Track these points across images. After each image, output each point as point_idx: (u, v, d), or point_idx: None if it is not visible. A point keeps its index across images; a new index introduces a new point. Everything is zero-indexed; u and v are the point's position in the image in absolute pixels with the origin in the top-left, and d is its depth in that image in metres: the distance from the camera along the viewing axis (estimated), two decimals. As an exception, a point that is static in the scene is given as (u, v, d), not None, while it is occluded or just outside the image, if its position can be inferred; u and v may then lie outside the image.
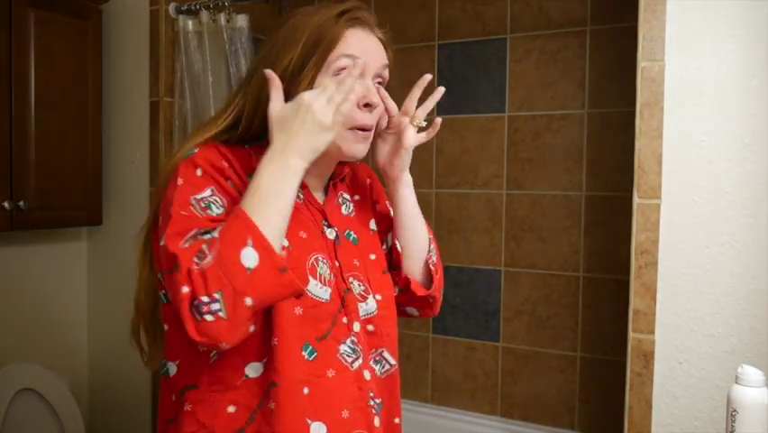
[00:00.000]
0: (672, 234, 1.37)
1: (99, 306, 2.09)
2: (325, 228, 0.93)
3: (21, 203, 1.69)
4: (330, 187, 0.99)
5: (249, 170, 0.85)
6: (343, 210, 1.00)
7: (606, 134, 2.03)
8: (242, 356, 0.83)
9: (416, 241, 1.04)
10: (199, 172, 0.82)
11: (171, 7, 1.93)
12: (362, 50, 0.88)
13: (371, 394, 0.90)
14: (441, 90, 0.98)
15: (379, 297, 0.95)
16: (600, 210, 2.05)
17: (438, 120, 1.00)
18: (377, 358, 0.95)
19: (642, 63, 1.37)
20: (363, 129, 0.90)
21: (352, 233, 0.98)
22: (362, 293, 0.93)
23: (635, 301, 1.39)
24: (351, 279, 0.92)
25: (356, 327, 0.90)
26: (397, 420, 0.98)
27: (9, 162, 1.67)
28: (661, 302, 1.37)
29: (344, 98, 0.81)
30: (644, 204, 1.38)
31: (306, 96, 0.81)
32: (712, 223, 1.34)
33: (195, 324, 0.72)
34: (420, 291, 1.02)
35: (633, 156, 1.39)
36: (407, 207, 1.03)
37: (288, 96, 0.85)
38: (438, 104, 1.04)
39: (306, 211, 0.92)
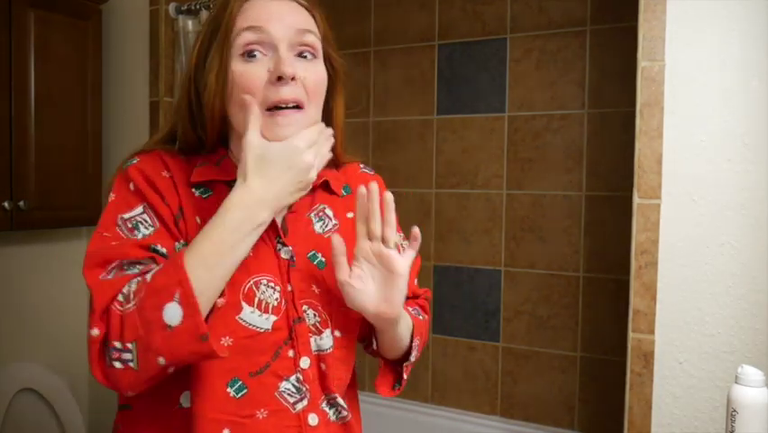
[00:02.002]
0: (672, 234, 1.37)
1: (99, 306, 2.09)
2: (279, 247, 0.81)
3: (21, 203, 1.69)
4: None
5: (192, 181, 0.79)
6: (317, 227, 0.86)
7: (606, 134, 2.03)
8: (178, 382, 0.74)
9: (394, 351, 0.90)
10: (132, 187, 0.76)
11: (171, 7, 1.93)
12: (264, 18, 0.75)
13: None
14: (390, 197, 0.78)
15: (338, 333, 0.83)
16: (600, 210, 2.05)
17: (416, 230, 0.80)
18: (331, 403, 0.83)
19: (642, 63, 1.37)
20: (281, 107, 0.75)
21: (318, 255, 0.84)
22: (317, 325, 0.81)
23: (635, 301, 1.39)
24: (305, 307, 0.80)
25: (304, 362, 0.79)
26: None
27: (9, 162, 1.67)
28: (661, 302, 1.37)
29: (327, 141, 0.75)
30: (644, 204, 1.38)
31: (301, 142, 0.73)
32: (712, 223, 1.34)
33: (102, 367, 0.67)
34: (383, 391, 0.89)
35: (633, 156, 1.39)
36: (401, 338, 0.86)
37: (200, 86, 0.77)
38: (438, 104, 1.00)
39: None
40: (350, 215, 0.89)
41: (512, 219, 2.17)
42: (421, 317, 0.95)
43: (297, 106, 0.76)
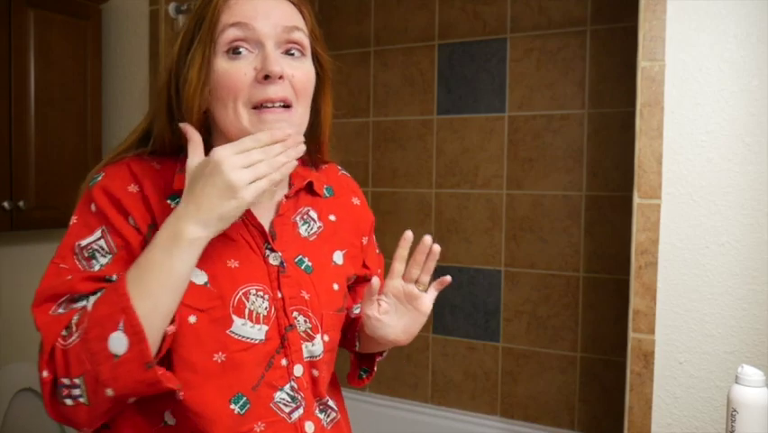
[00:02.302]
0: (672, 234, 1.37)
1: (99, 306, 2.09)
2: (268, 252, 0.78)
3: (21, 203, 1.69)
4: (282, 202, 0.81)
5: (169, 191, 0.74)
6: (302, 230, 0.83)
7: (606, 134, 2.03)
8: (162, 400, 0.71)
9: (372, 350, 0.92)
10: (93, 208, 0.72)
11: (171, 7, 1.93)
12: (251, 15, 0.72)
13: None
14: (437, 249, 0.80)
15: (327, 337, 0.81)
16: (600, 210, 2.05)
17: (447, 277, 0.81)
18: (322, 407, 0.82)
19: (642, 63, 1.37)
20: (267, 105, 0.73)
21: (305, 259, 0.82)
22: (309, 331, 0.79)
23: (635, 301, 1.39)
24: (295, 313, 0.78)
25: (297, 370, 0.77)
26: None
27: (9, 162, 1.67)
28: (661, 302, 1.37)
29: (270, 167, 0.67)
30: (644, 204, 1.38)
31: (218, 151, 0.66)
32: (712, 223, 1.34)
33: (55, 406, 0.65)
34: (352, 381, 0.94)
35: (633, 156, 1.39)
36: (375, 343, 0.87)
37: (180, 82, 0.73)
38: (438, 104, 1.00)
39: (245, 233, 0.77)
40: (332, 217, 0.88)
41: (512, 219, 2.17)
42: None
43: (285, 105, 0.74)
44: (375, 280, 0.78)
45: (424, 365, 2.32)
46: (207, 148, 0.72)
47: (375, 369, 0.95)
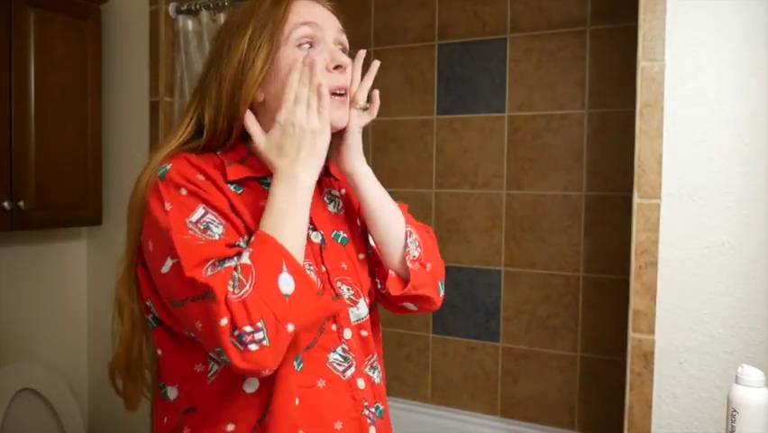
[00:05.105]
0: (672, 234, 1.37)
1: (99, 306, 2.09)
2: (310, 232, 0.87)
3: (21, 203, 1.69)
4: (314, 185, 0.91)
5: (226, 179, 0.83)
6: (331, 208, 0.96)
7: (606, 134, 2.03)
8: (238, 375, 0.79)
9: (390, 234, 0.93)
10: (184, 192, 0.78)
11: (171, 7, 1.93)
12: (316, 17, 0.87)
13: (365, 404, 0.87)
14: (376, 64, 0.93)
15: (367, 299, 0.92)
16: (600, 210, 2.05)
17: (376, 93, 0.93)
18: (373, 365, 0.91)
19: (642, 63, 1.37)
20: (339, 93, 0.87)
21: (340, 233, 0.93)
22: (353, 297, 0.89)
23: (635, 301, 1.39)
24: (339, 283, 0.88)
25: (347, 333, 0.87)
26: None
27: (9, 162, 1.68)
28: (661, 302, 1.37)
29: (316, 94, 0.80)
30: (644, 204, 1.38)
31: (282, 116, 0.80)
32: (712, 223, 1.34)
33: (239, 354, 0.70)
34: (395, 290, 0.92)
35: (633, 156, 1.39)
36: (372, 199, 0.92)
37: (246, 74, 0.83)
38: (438, 104, 1.02)
39: None
40: (343, 191, 1.00)
41: (512, 219, 2.17)
42: (418, 226, 1.00)
43: (341, 94, 0.87)
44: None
45: (424, 365, 2.32)
46: (244, 146, 0.86)
47: (411, 267, 0.93)
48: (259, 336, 0.69)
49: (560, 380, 2.10)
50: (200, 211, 0.77)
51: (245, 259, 0.72)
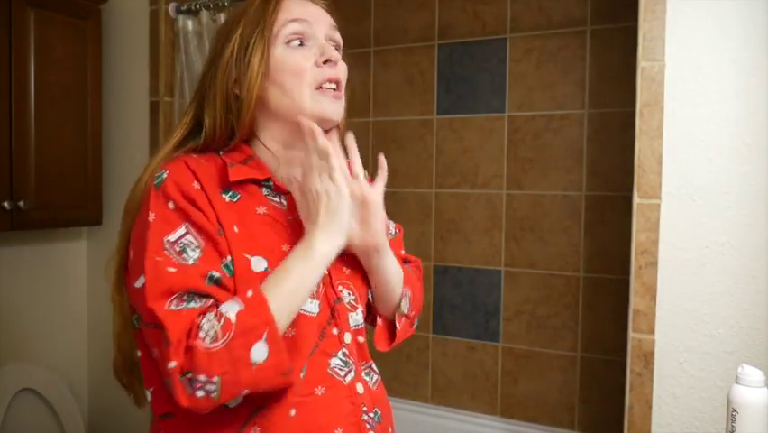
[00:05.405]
0: (672, 234, 1.37)
1: (99, 306, 2.09)
2: None
3: (21, 203, 1.69)
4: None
5: (223, 184, 0.81)
6: None
7: (606, 134, 2.03)
8: None
9: (389, 295, 0.96)
10: (171, 206, 0.77)
11: (171, 7, 1.93)
12: (306, 14, 0.87)
13: (364, 408, 0.86)
14: (351, 137, 0.90)
15: (362, 307, 0.92)
16: (600, 210, 2.04)
17: (381, 157, 0.91)
18: (367, 370, 0.92)
19: (642, 63, 1.37)
20: (329, 86, 0.86)
21: None
22: (352, 302, 0.89)
23: (635, 301, 1.39)
24: (340, 287, 0.88)
25: (347, 338, 0.87)
26: (390, 430, 0.94)
27: (9, 162, 1.68)
28: (661, 302, 1.37)
29: (323, 159, 0.79)
30: (644, 204, 1.38)
31: (303, 183, 0.80)
32: (712, 223, 1.34)
33: (186, 394, 0.70)
34: (380, 346, 0.96)
35: (633, 156, 1.39)
36: (389, 272, 0.93)
37: (240, 73, 0.83)
38: (438, 104, 1.03)
39: (292, 221, 0.86)
40: None
41: (512, 219, 2.17)
42: (411, 272, 1.03)
43: (336, 88, 0.87)
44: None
45: (424, 365, 2.32)
46: (248, 147, 0.87)
47: (398, 327, 0.98)
48: (210, 387, 0.69)
49: (560, 380, 2.10)
50: (181, 230, 0.76)
51: (231, 314, 0.71)
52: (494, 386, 2.21)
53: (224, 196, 0.81)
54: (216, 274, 0.75)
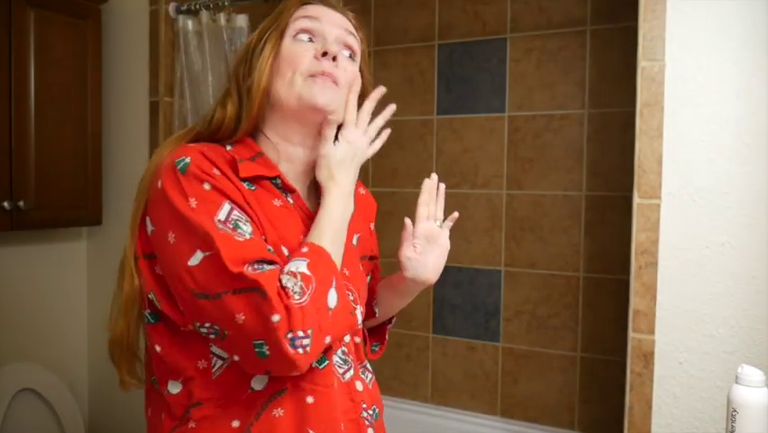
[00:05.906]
0: (672, 234, 1.37)
1: (99, 306, 2.09)
2: None
3: (20, 203, 1.69)
4: (314, 188, 0.94)
5: (237, 175, 0.82)
6: None
7: (606, 134, 2.03)
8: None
9: (387, 315, 1.09)
10: (207, 186, 0.76)
11: (171, 7, 1.93)
12: (319, 14, 0.89)
13: (364, 406, 0.89)
14: (443, 186, 1.03)
15: (362, 308, 0.93)
16: (600, 210, 2.04)
17: (455, 213, 1.03)
18: (363, 369, 0.94)
19: (642, 63, 1.37)
20: (320, 76, 0.86)
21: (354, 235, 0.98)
22: (352, 303, 0.90)
23: (635, 301, 1.39)
24: None
25: (346, 337, 0.89)
26: (384, 428, 0.97)
27: (9, 162, 1.67)
28: (661, 302, 1.37)
29: (364, 117, 0.89)
30: (644, 204, 1.38)
31: (352, 136, 0.88)
32: (712, 223, 1.34)
33: (290, 352, 0.72)
34: (367, 354, 1.01)
35: (633, 156, 1.39)
36: (409, 296, 1.04)
37: (253, 67, 0.86)
38: (438, 104, 1.04)
39: (304, 217, 0.89)
40: (361, 190, 1.06)
41: (512, 219, 2.17)
42: None
43: (333, 82, 0.86)
44: (408, 223, 0.97)
45: (424, 365, 2.32)
46: (256, 143, 0.89)
47: (386, 338, 1.10)
48: (306, 342, 0.73)
49: (560, 380, 2.10)
50: (226, 208, 0.76)
51: (304, 269, 0.76)
52: (494, 386, 2.21)
53: (242, 182, 0.83)
54: (270, 246, 0.80)
